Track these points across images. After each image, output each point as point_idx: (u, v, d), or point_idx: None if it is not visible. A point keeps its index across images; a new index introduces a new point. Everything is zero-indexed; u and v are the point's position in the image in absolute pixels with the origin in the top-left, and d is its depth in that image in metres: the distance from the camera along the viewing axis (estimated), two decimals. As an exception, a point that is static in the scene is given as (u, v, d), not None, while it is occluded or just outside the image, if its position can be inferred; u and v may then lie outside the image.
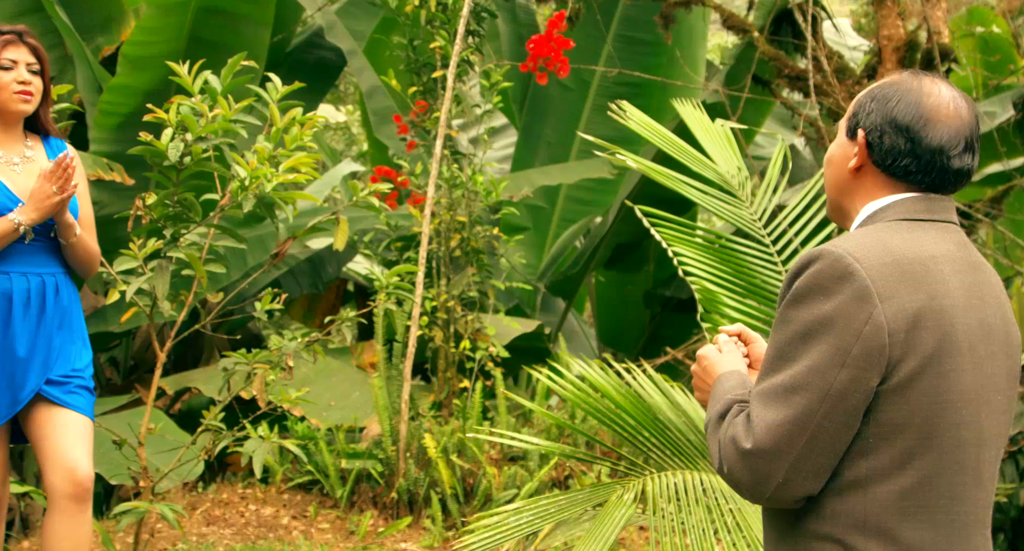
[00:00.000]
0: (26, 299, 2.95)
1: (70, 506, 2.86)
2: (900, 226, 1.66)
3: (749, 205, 3.48)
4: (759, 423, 1.57)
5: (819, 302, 1.57)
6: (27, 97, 2.99)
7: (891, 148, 1.68)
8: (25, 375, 2.93)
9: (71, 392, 3.00)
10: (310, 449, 5.10)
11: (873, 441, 1.58)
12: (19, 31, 3.02)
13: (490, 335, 5.52)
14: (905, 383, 1.56)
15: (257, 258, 5.97)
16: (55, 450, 2.90)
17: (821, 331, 1.56)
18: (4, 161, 3.01)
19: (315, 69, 7.08)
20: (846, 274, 1.57)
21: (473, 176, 5.55)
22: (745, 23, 6.30)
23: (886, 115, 1.69)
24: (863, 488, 1.58)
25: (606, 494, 2.83)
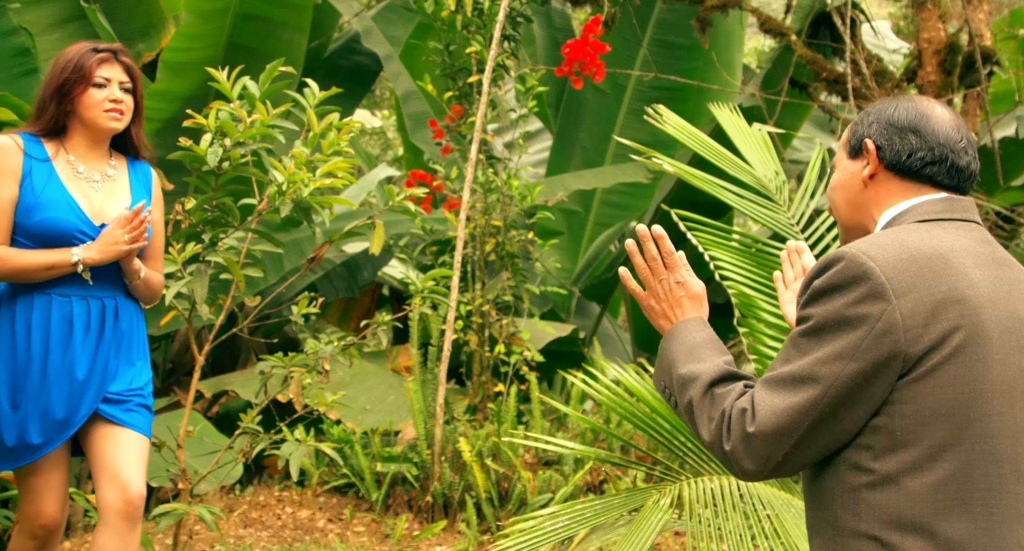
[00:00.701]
0: (86, 323, 2.94)
1: (120, 524, 2.86)
2: (919, 226, 1.69)
3: (787, 209, 3.46)
4: (764, 407, 1.61)
5: (835, 299, 1.61)
6: (118, 115, 2.98)
7: (903, 146, 1.74)
8: (81, 397, 2.93)
9: (130, 410, 2.99)
10: (346, 452, 5.12)
11: (901, 435, 1.58)
12: (114, 49, 3.01)
13: (525, 339, 5.52)
14: (929, 374, 1.57)
15: (294, 262, 6.01)
16: (109, 467, 2.90)
17: (834, 327, 1.60)
18: (85, 177, 2.99)
19: (351, 74, 7.13)
20: (861, 273, 1.60)
21: (508, 180, 5.56)
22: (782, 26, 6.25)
23: (888, 120, 1.77)
24: (895, 483, 1.58)
25: (642, 499, 2.82)
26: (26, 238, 2.92)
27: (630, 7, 6.69)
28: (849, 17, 5.91)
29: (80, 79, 2.93)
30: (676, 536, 4.58)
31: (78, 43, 3.06)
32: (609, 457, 3.37)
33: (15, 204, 2.91)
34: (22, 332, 2.91)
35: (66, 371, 2.91)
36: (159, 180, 3.20)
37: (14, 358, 2.91)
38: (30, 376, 2.90)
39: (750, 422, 1.62)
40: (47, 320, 2.91)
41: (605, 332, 8.08)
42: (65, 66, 2.96)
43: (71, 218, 2.92)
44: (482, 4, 5.38)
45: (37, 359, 2.90)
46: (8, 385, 2.91)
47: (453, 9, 5.35)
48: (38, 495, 2.95)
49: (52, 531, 2.97)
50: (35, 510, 2.94)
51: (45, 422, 2.90)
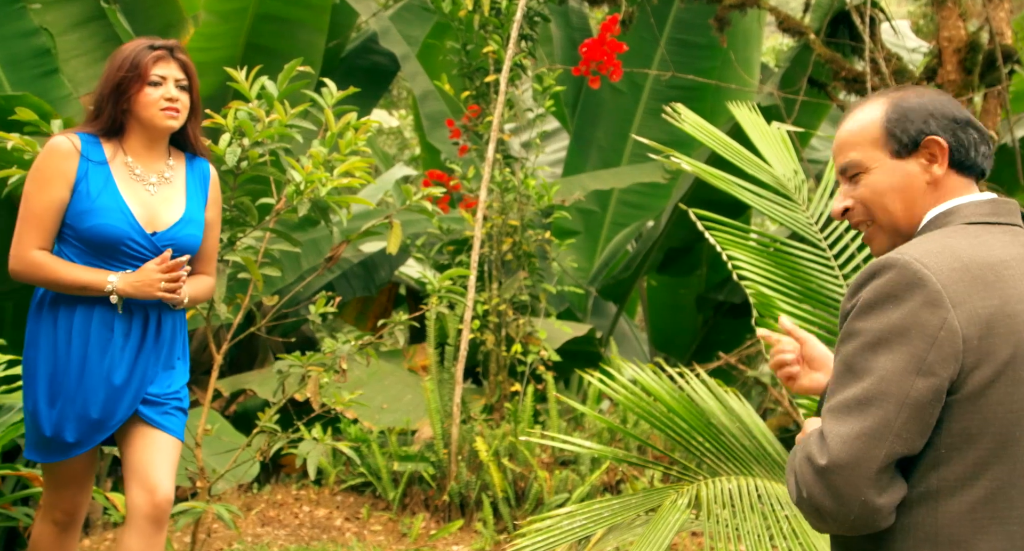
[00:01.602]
0: (127, 330, 2.93)
1: (147, 526, 2.87)
2: (966, 230, 1.62)
3: (805, 209, 3.44)
4: (833, 437, 1.50)
5: (889, 311, 1.52)
6: (174, 114, 2.94)
7: (968, 141, 1.69)
8: (118, 402, 2.92)
9: (166, 413, 2.98)
10: (363, 451, 5.13)
11: (945, 452, 1.52)
12: (170, 46, 2.98)
13: (541, 339, 5.51)
14: (979, 391, 1.51)
15: (311, 261, 6.03)
16: (140, 468, 2.91)
17: (893, 340, 1.51)
18: (140, 179, 2.96)
19: (369, 74, 7.15)
20: (916, 280, 1.52)
21: (525, 180, 5.55)
22: (801, 25, 6.23)
23: (943, 115, 1.69)
24: (933, 500, 1.53)
25: (659, 499, 2.82)
26: (77, 240, 2.90)
27: (648, 6, 6.67)
28: (868, 16, 5.88)
29: (136, 77, 2.90)
30: (693, 536, 4.57)
31: (135, 40, 3.02)
32: (626, 457, 3.36)
33: (63, 208, 2.89)
34: (63, 334, 2.91)
35: (104, 376, 2.90)
36: (217, 178, 3.17)
37: (54, 358, 2.91)
38: (68, 378, 2.90)
39: (820, 456, 1.50)
40: (88, 324, 2.90)
41: (622, 332, 8.07)
42: (121, 64, 2.92)
43: (123, 226, 2.88)
44: (500, 3, 5.38)
45: (76, 362, 2.90)
46: (47, 383, 2.92)
47: (471, 9, 5.35)
48: (62, 483, 2.98)
49: (73, 518, 2.99)
50: (57, 496, 2.97)
51: (81, 424, 2.91)
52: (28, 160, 3.30)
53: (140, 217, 2.92)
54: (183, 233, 2.97)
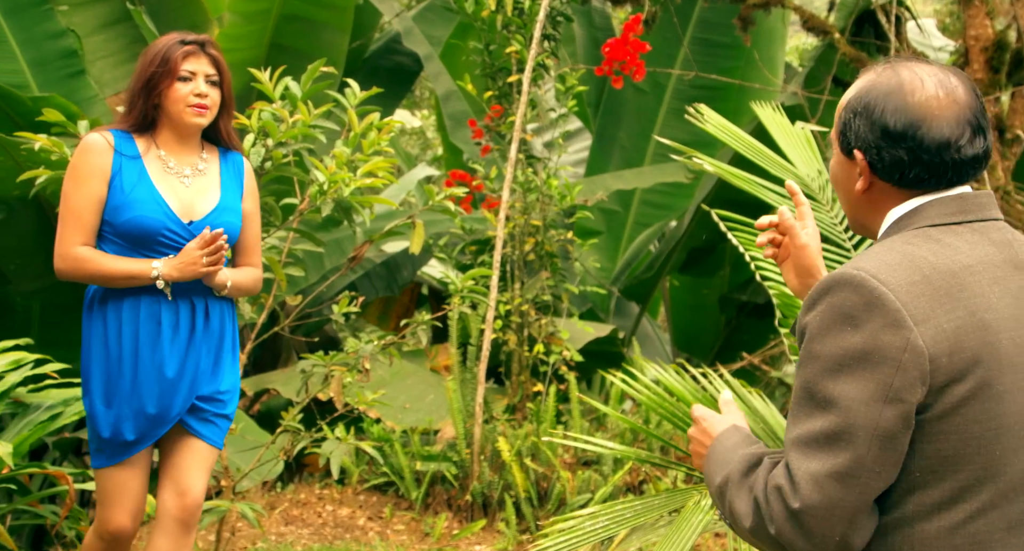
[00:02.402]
0: (175, 322, 2.92)
1: (176, 529, 2.87)
2: (928, 234, 1.50)
3: (829, 209, 3.42)
4: (803, 476, 1.41)
5: (847, 334, 1.41)
6: (201, 111, 2.93)
7: (894, 162, 1.52)
8: (173, 395, 2.92)
9: (206, 420, 2.98)
10: (385, 451, 5.15)
11: (920, 475, 1.43)
12: (201, 41, 2.96)
13: (564, 339, 5.51)
14: (951, 410, 1.42)
15: (334, 261, 6.05)
16: (173, 471, 2.91)
17: (855, 366, 1.40)
18: (175, 172, 2.96)
19: (392, 74, 7.17)
20: (873, 300, 1.41)
21: (547, 180, 5.55)
22: (826, 24, 6.20)
23: (876, 127, 1.52)
24: (909, 527, 1.44)
25: (683, 500, 2.81)
26: (115, 236, 2.91)
27: (671, 6, 6.66)
28: (894, 14, 5.84)
29: (166, 73, 2.89)
30: (717, 538, 4.56)
31: (167, 35, 3.01)
32: (649, 457, 3.35)
33: (103, 204, 2.89)
34: (113, 332, 2.91)
35: (156, 370, 2.90)
36: (251, 170, 3.16)
37: (107, 357, 2.92)
38: (122, 376, 2.90)
39: (792, 497, 1.41)
40: (136, 320, 2.90)
41: (644, 332, 8.06)
42: (152, 59, 2.91)
43: (159, 217, 2.89)
44: (522, 4, 5.38)
45: (128, 359, 2.90)
46: (102, 383, 2.92)
47: (494, 9, 5.36)
48: (111, 502, 2.94)
49: (119, 539, 2.96)
50: (107, 516, 2.93)
51: (139, 420, 2.90)
52: (55, 161, 3.33)
53: (176, 208, 2.92)
54: (220, 221, 2.96)
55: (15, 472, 3.66)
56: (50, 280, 3.26)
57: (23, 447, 3.67)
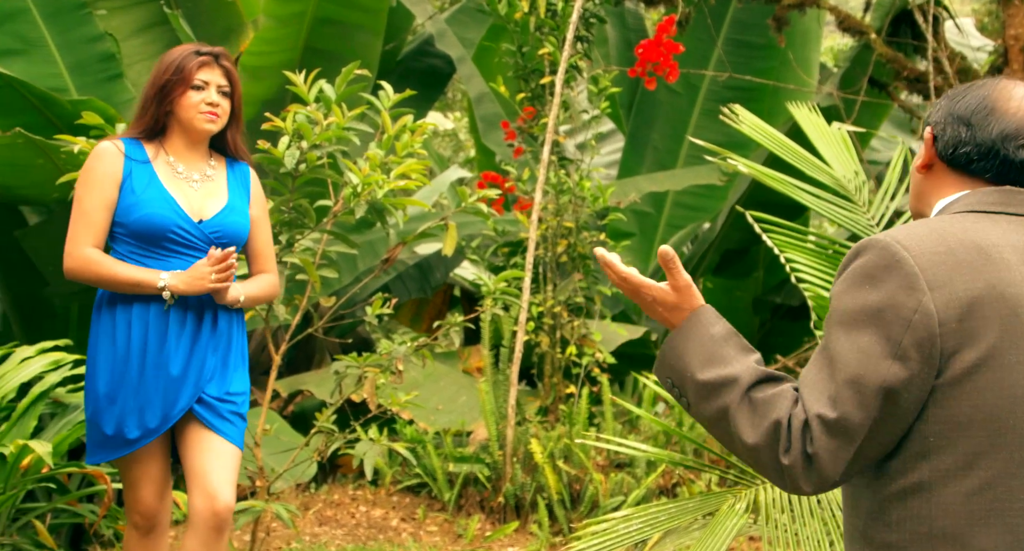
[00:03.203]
0: (182, 320, 2.98)
1: (208, 532, 2.91)
2: (965, 217, 1.58)
3: (866, 210, 3.39)
4: (816, 422, 1.50)
5: (866, 292, 1.51)
6: (213, 118, 3.01)
7: (952, 138, 1.63)
8: (178, 393, 2.97)
9: (222, 417, 3.01)
10: (418, 452, 5.16)
11: (934, 440, 1.49)
12: (216, 53, 3.05)
13: (596, 341, 5.50)
14: (964, 377, 1.47)
15: (368, 263, 6.07)
16: (200, 474, 2.94)
17: (869, 322, 1.50)
18: (184, 177, 3.04)
19: (425, 76, 7.18)
20: (893, 263, 1.50)
21: (580, 182, 5.54)
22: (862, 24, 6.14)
23: (951, 109, 1.65)
24: (927, 492, 1.49)
25: (717, 503, 2.79)
26: (128, 236, 2.98)
27: (705, 7, 6.63)
28: (931, 14, 5.78)
29: (180, 81, 2.98)
30: (751, 541, 4.53)
31: (183, 45, 3.10)
32: (683, 460, 3.34)
33: (113, 207, 2.97)
34: (123, 329, 2.98)
35: (162, 367, 2.96)
36: (257, 179, 3.23)
37: (114, 354, 2.98)
38: (128, 372, 2.97)
39: (809, 442, 1.50)
40: (146, 317, 2.97)
41: (677, 334, 8.01)
42: (167, 68, 3.00)
43: (169, 214, 2.96)
44: (555, 5, 5.38)
45: (135, 355, 2.96)
46: (107, 379, 2.98)
47: (527, 11, 5.36)
48: (135, 484, 3.02)
49: (151, 521, 3.03)
50: (133, 498, 3.02)
51: (142, 417, 2.96)
52: (94, 163, 3.37)
53: (185, 207, 3.00)
54: (228, 220, 3.04)
55: (54, 471, 3.70)
56: (87, 281, 3.30)
57: (62, 446, 3.72)
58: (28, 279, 5.16)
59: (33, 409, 3.84)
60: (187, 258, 2.99)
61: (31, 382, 3.94)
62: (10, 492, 3.64)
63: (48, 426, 4.03)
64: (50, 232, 4.77)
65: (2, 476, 3.59)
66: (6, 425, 3.78)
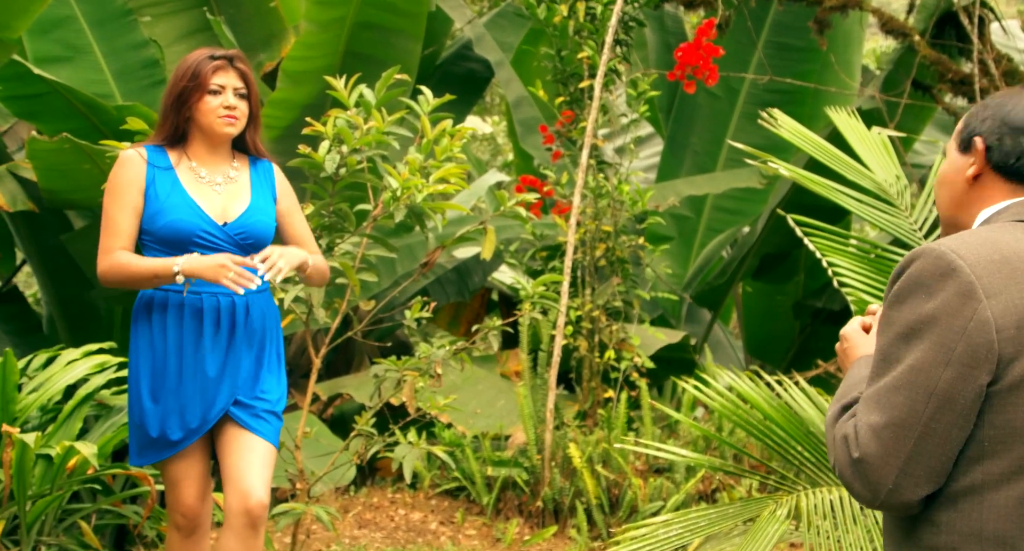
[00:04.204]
0: (216, 319, 3.02)
1: (243, 531, 2.93)
2: (1016, 226, 1.60)
3: (908, 215, 3.35)
4: (863, 428, 1.52)
5: (921, 301, 1.52)
6: (231, 121, 3.05)
7: (1012, 148, 1.64)
8: (215, 394, 3.01)
9: (257, 416, 3.04)
10: (457, 456, 5.17)
11: (988, 444, 1.50)
12: (230, 56, 3.08)
13: (635, 345, 5.48)
14: (1019, 383, 1.49)
15: (406, 267, 6.10)
16: (234, 473, 2.97)
17: (924, 330, 1.50)
18: (207, 181, 3.08)
19: (464, 81, 7.20)
20: (948, 271, 1.51)
21: (619, 186, 5.53)
22: (905, 26, 6.07)
23: (1003, 119, 1.65)
24: (978, 495, 1.50)
25: (758, 509, 2.77)
26: (154, 242, 3.03)
27: (745, 9, 6.59)
28: (977, 16, 5.70)
29: (196, 87, 3.01)
30: (792, 548, 4.49)
31: (197, 50, 3.14)
32: (722, 465, 3.32)
33: (139, 213, 3.02)
34: (158, 330, 3.03)
35: (199, 368, 3.00)
36: (281, 173, 3.26)
37: (152, 356, 3.03)
38: (167, 373, 3.02)
39: (854, 447, 1.52)
40: (180, 318, 3.01)
41: (716, 339, 7.97)
42: (184, 74, 3.04)
43: (194, 219, 3.01)
44: (594, 9, 5.37)
45: (172, 356, 3.01)
46: (148, 381, 3.03)
47: (566, 15, 5.36)
48: (176, 485, 3.06)
49: (193, 521, 3.06)
50: (174, 500, 3.06)
51: (183, 418, 3.01)
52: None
53: (209, 210, 3.05)
54: (252, 220, 3.08)
55: (99, 473, 3.75)
56: (132, 285, 3.35)
57: (107, 448, 3.77)
58: (74, 282, 5.24)
59: (79, 411, 3.90)
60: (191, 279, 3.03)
61: (76, 384, 4.00)
62: (56, 493, 3.70)
63: (93, 428, 4.09)
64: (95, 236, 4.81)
65: (49, 477, 3.65)
66: (52, 427, 3.84)
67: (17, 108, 4.99)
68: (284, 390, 3.17)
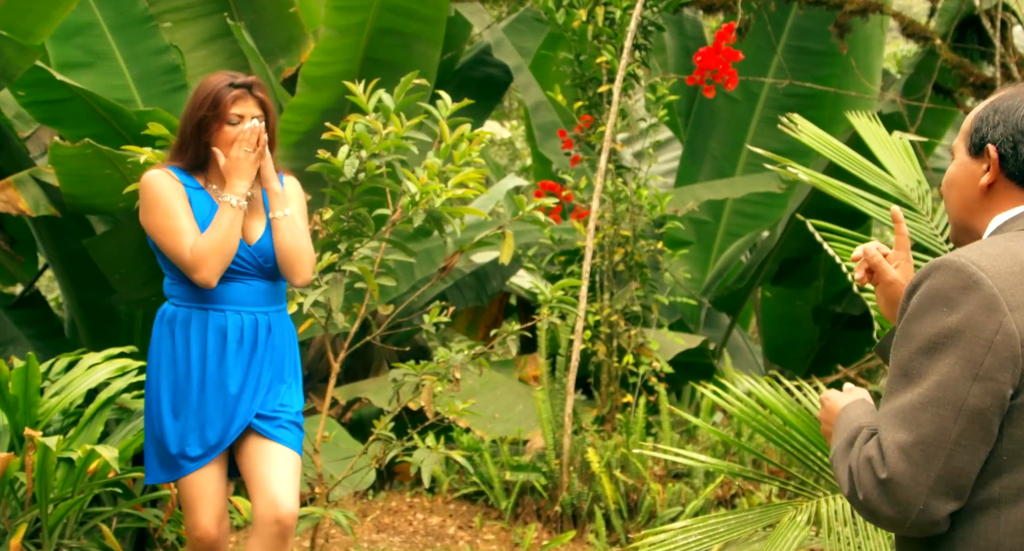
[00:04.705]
0: (239, 336, 3.04)
1: (272, 540, 2.95)
2: None
3: (929, 220, 3.33)
4: (890, 447, 1.48)
5: (943, 314, 1.48)
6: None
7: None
8: (235, 409, 3.02)
9: (280, 427, 3.06)
10: (475, 460, 5.17)
11: (1007, 458, 1.48)
12: (249, 84, 3.08)
13: (653, 350, 5.47)
14: None
15: (424, 271, 6.10)
16: (263, 482, 2.98)
17: (948, 344, 1.47)
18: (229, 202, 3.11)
19: (482, 86, 7.21)
20: (970, 283, 1.48)
21: (637, 190, 5.52)
22: (927, 30, 6.04)
23: (1016, 125, 1.62)
24: (996, 509, 1.48)
25: (778, 515, 2.76)
26: None
27: (765, 13, 6.57)
28: (999, 19, 5.67)
29: (215, 117, 3.02)
30: (810, 554, 4.46)
31: (217, 75, 3.12)
32: (742, 471, 3.31)
33: (191, 212, 3.02)
34: (181, 346, 3.04)
35: (220, 384, 3.02)
36: (294, 182, 3.26)
37: (174, 371, 3.04)
38: (190, 389, 3.03)
39: (880, 467, 1.48)
40: (203, 333, 3.02)
41: (735, 344, 7.94)
42: (203, 102, 3.04)
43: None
44: (613, 14, 5.37)
45: (196, 372, 3.02)
46: (170, 396, 3.04)
47: (584, 20, 5.36)
48: (193, 507, 3.05)
49: (210, 546, 3.06)
50: (192, 523, 3.05)
51: (203, 434, 3.01)
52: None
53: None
54: (270, 243, 3.09)
55: (120, 476, 3.77)
56: (153, 289, 3.37)
57: (127, 452, 3.79)
58: (95, 287, 5.27)
59: (100, 415, 3.92)
60: (240, 282, 3.06)
61: (98, 388, 4.02)
62: (78, 496, 3.72)
63: (114, 432, 4.11)
64: (116, 241, 4.87)
65: (70, 480, 3.67)
66: (74, 430, 3.86)
67: (40, 113, 5.03)
68: (302, 402, 3.19)
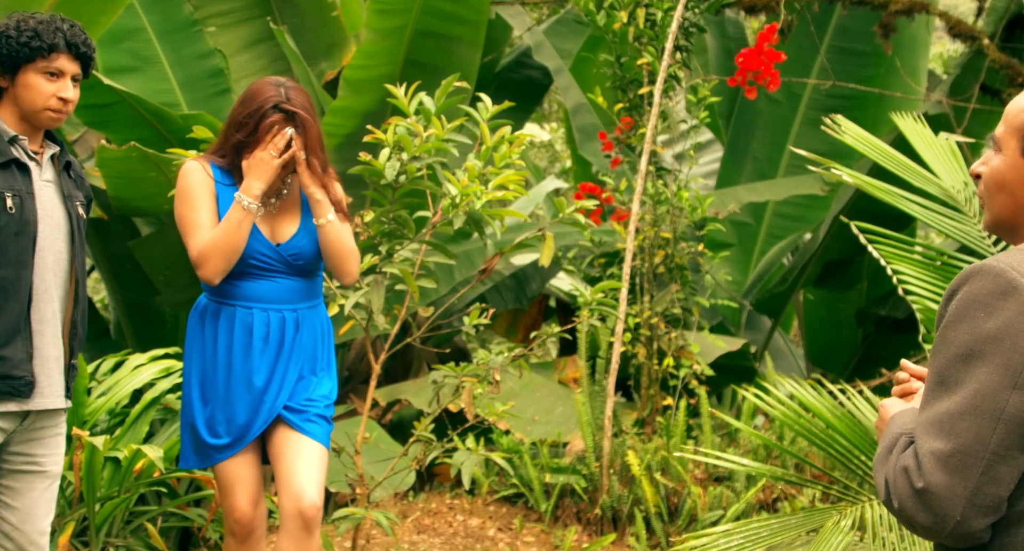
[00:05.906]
0: (265, 333, 3.07)
1: (298, 532, 2.97)
2: None
3: (976, 221, 3.29)
4: (927, 456, 1.45)
5: (980, 320, 1.45)
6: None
7: None
8: (260, 405, 3.06)
9: (308, 420, 3.09)
10: (515, 462, 5.17)
11: None
12: (293, 112, 3.03)
13: (694, 352, 5.44)
14: None
15: (464, 273, 6.12)
16: (287, 475, 3.02)
17: (986, 351, 1.44)
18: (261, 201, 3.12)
19: (522, 88, 7.22)
20: (1009, 289, 1.45)
21: (678, 192, 5.50)
22: (974, 30, 5.96)
23: None
24: None
25: (821, 520, 2.73)
26: None
27: (808, 14, 6.51)
28: (1048, 17, 5.58)
29: (255, 142, 3.02)
30: (854, 560, 4.41)
31: (266, 87, 3.07)
32: (784, 475, 3.28)
33: (215, 212, 3.05)
34: (210, 340, 3.10)
35: (246, 378, 3.06)
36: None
37: (203, 362, 3.11)
38: (216, 381, 3.09)
39: (917, 477, 1.45)
40: (231, 329, 3.07)
41: (777, 346, 7.88)
42: (246, 120, 3.03)
43: (251, 241, 3.05)
44: (654, 15, 5.35)
45: (222, 365, 3.08)
46: (199, 388, 3.11)
47: (625, 21, 5.34)
48: (228, 491, 3.11)
49: (247, 528, 3.11)
50: (228, 505, 3.11)
51: (230, 426, 3.07)
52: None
53: (264, 231, 3.09)
54: (303, 242, 3.11)
55: (165, 476, 3.82)
56: (197, 291, 3.40)
57: (172, 451, 3.84)
58: (140, 288, 5.35)
59: (145, 415, 3.98)
60: (269, 279, 3.08)
61: (143, 389, 4.08)
62: (124, 495, 3.77)
63: (159, 431, 4.16)
64: (161, 243, 4.94)
65: (117, 479, 3.72)
66: (120, 430, 3.92)
67: (87, 117, 5.12)
68: (334, 395, 3.21)
